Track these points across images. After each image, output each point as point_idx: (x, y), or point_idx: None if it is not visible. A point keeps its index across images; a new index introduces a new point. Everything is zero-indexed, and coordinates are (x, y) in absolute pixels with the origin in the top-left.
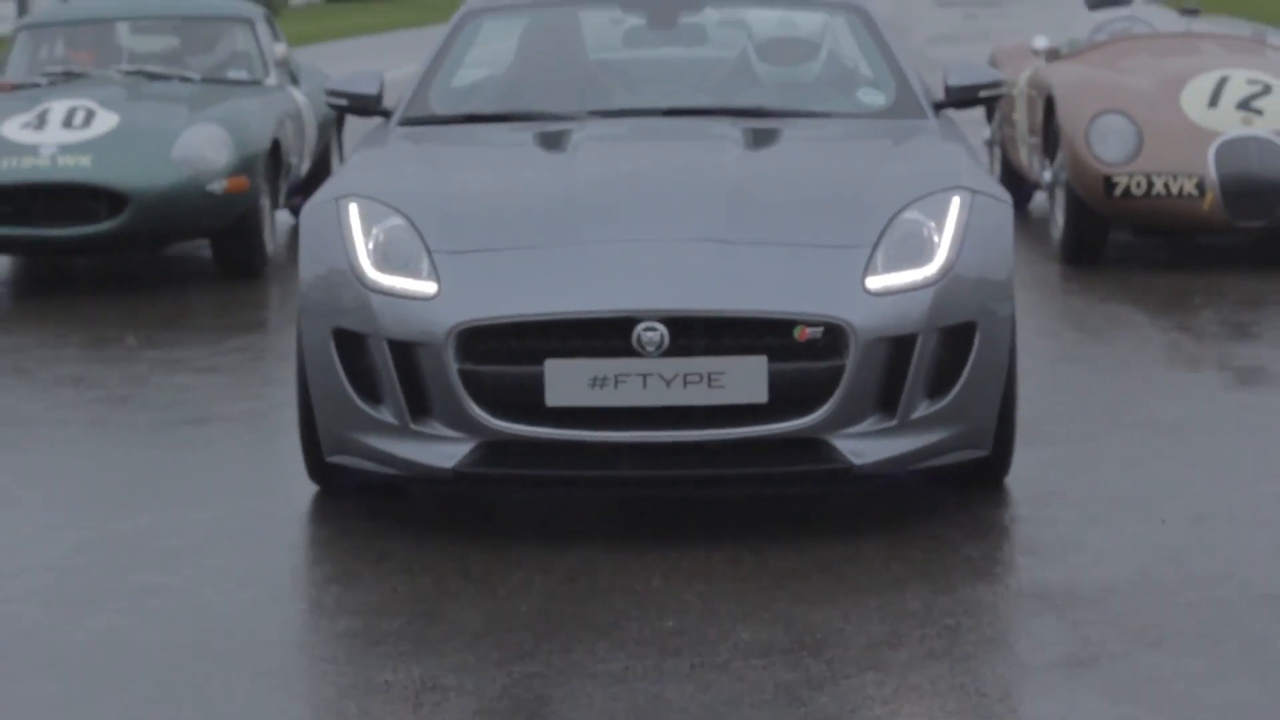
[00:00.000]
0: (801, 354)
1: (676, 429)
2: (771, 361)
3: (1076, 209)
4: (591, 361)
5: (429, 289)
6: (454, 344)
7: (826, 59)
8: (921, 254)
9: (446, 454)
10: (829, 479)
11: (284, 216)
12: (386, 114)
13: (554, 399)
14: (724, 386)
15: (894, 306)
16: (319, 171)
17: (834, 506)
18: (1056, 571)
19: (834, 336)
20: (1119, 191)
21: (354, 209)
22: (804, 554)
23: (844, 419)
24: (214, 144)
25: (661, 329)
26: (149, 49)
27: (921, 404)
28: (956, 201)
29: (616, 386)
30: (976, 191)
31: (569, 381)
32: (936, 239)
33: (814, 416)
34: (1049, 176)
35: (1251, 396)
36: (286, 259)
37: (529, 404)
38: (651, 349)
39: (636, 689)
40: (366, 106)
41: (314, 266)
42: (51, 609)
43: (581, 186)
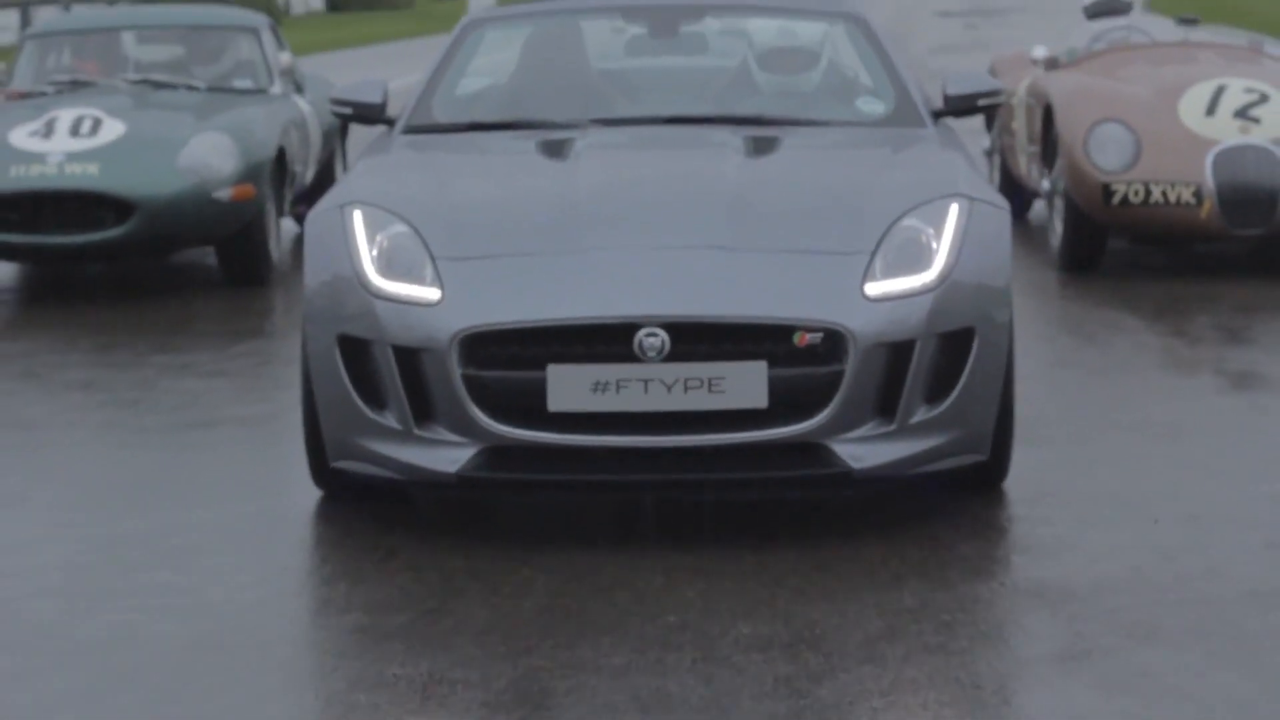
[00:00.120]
0: (801, 359)
1: (677, 434)
2: (771, 367)
3: (1075, 217)
4: (593, 367)
5: (433, 295)
6: (457, 349)
7: (826, 68)
8: (920, 260)
9: (449, 459)
10: (828, 483)
11: (288, 224)
12: (390, 122)
13: (556, 404)
14: (724, 392)
15: (893, 312)
16: (323, 179)
17: (833, 507)
18: (1051, 569)
19: (833, 342)
20: (1117, 200)
21: (358, 216)
22: (803, 553)
23: (843, 424)
24: (220, 152)
25: (663, 335)
26: (155, 58)
27: (920, 409)
28: (955, 209)
29: (618, 392)
30: (975, 199)
31: (571, 387)
32: (935, 246)
33: (813, 421)
34: (1048, 185)
35: (1245, 400)
36: (291, 266)
37: (531, 409)
38: (653, 354)
39: (639, 682)
40: (371, 115)
41: (319, 273)
42: (63, 605)
43: (584, 194)
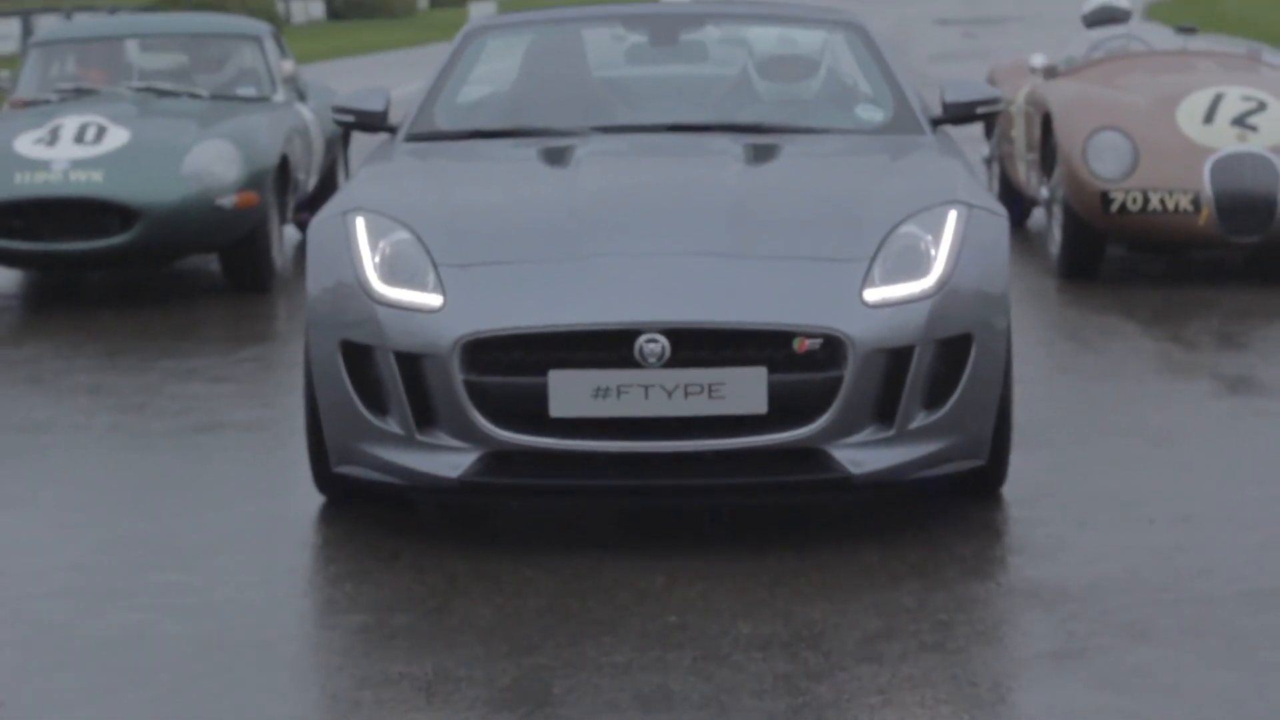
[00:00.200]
0: (800, 365)
1: (678, 439)
2: (771, 373)
3: (1073, 224)
4: (594, 373)
5: (435, 301)
6: (459, 355)
7: (826, 76)
8: (918, 267)
9: (451, 464)
10: (827, 488)
11: (291, 231)
12: (392, 130)
13: (557, 410)
14: (724, 397)
15: (891, 319)
16: (326, 186)
17: (832, 509)
18: (1046, 569)
19: (832, 348)
20: (1115, 207)
21: (361, 223)
22: (802, 554)
23: (842, 429)
24: (223, 159)
25: (663, 341)
26: (158, 66)
27: (919, 414)
28: (953, 216)
29: (619, 397)
30: (973, 206)
31: (572, 392)
32: (933, 252)
33: (813, 427)
34: (1046, 192)
35: (1240, 404)
36: (294, 273)
37: (533, 415)
38: (653, 360)
39: (640, 680)
40: (373, 123)
41: (321, 279)
42: (71, 605)
43: (584, 201)
